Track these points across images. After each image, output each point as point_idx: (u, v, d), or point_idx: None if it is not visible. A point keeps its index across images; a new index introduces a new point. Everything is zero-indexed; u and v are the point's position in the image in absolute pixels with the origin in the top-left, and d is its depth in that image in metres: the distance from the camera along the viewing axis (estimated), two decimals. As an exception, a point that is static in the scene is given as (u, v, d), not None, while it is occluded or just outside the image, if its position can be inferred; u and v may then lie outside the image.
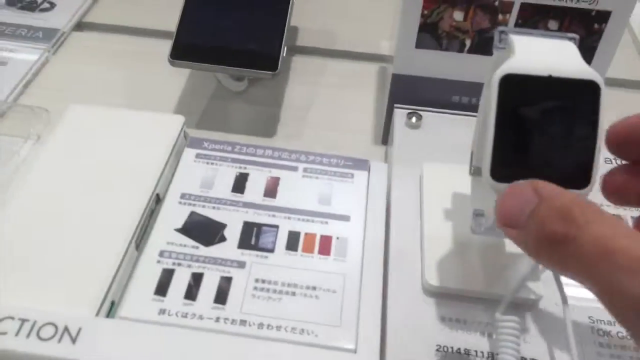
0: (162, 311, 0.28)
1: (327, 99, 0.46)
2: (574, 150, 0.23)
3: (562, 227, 0.18)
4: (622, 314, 0.17)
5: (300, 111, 0.45)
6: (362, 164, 0.36)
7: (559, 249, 0.18)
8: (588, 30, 0.35)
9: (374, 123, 0.44)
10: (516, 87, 0.23)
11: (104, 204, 0.32)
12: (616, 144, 0.23)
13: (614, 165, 0.25)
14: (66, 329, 0.27)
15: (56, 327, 0.27)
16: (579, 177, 0.23)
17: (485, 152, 0.24)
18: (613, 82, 0.47)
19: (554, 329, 0.28)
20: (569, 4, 0.34)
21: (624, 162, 0.25)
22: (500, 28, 0.26)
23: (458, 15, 0.36)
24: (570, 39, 0.25)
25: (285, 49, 0.41)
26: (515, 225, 0.20)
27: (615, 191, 0.24)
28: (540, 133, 0.23)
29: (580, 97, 0.23)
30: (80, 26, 0.52)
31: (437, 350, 0.27)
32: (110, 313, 0.29)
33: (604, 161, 0.33)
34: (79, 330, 0.27)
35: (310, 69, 0.49)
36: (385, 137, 0.42)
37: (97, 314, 0.28)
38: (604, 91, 0.23)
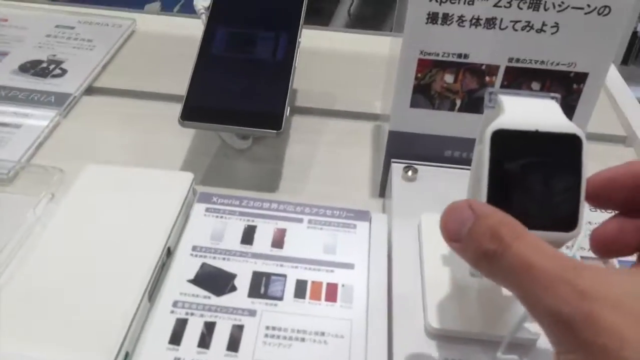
0: (176, 359, 0.29)
1: (326, 156, 0.49)
2: (562, 197, 0.25)
3: (492, 245, 0.21)
4: (541, 321, 0.20)
5: (301, 167, 0.47)
6: (363, 215, 0.38)
7: (491, 263, 0.21)
8: (568, 90, 0.38)
9: (370, 177, 0.47)
10: (507, 141, 0.25)
11: (118, 258, 0.34)
12: (595, 196, 0.25)
13: (598, 212, 0.27)
14: (84, 378, 0.28)
15: (74, 376, 0.28)
16: (568, 222, 0.25)
17: (481, 201, 0.26)
18: (591, 137, 0.51)
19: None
20: (550, 67, 0.37)
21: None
22: (490, 89, 0.28)
23: (449, 78, 0.39)
24: (552, 97, 0.28)
25: (289, 109, 0.43)
26: (457, 240, 0.23)
27: (605, 245, 0.26)
28: (529, 182, 0.25)
29: (565, 149, 0.25)
30: (90, 91, 0.54)
31: (443, 391, 0.28)
32: (124, 364, 0.30)
33: (589, 209, 0.36)
34: (96, 379, 0.28)
35: (309, 127, 0.52)
36: (382, 190, 0.44)
37: (113, 365, 0.29)
38: (586, 144, 0.25)
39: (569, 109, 0.39)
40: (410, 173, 0.41)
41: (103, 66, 0.56)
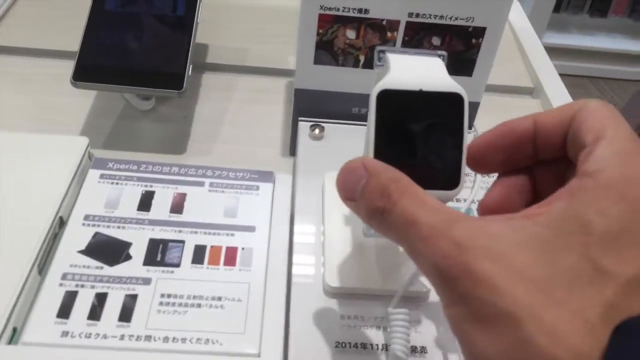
0: (64, 333, 0.28)
1: (237, 114, 0.47)
2: (444, 155, 0.26)
3: (381, 202, 0.21)
4: (426, 275, 0.20)
5: (210, 127, 0.46)
6: (267, 176, 0.38)
7: (381, 220, 0.22)
8: (467, 45, 0.38)
9: (283, 136, 0.46)
10: (392, 101, 0.25)
11: (5, 230, 0.32)
12: (475, 163, 0.25)
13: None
14: (-37, 358, 0.27)
15: (-48, 357, 0.26)
16: (450, 180, 0.26)
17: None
18: (500, 89, 0.52)
19: (444, 319, 0.31)
20: (449, 22, 0.37)
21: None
22: (379, 47, 0.28)
23: (350, 34, 0.38)
24: (439, 55, 0.28)
25: (191, 67, 0.41)
26: (351, 198, 0.23)
27: (493, 212, 0.26)
28: (414, 141, 0.25)
29: (448, 108, 0.26)
30: (-20, 49, 0.50)
31: (337, 346, 0.29)
32: (12, 340, 0.29)
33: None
34: (-23, 359, 0.27)
35: (220, 85, 0.50)
36: (292, 149, 0.44)
37: (-2, 342, 0.28)
38: (467, 102, 0.26)
39: (469, 63, 0.39)
40: (317, 131, 0.41)
41: (-6, 21, 0.52)
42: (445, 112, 0.26)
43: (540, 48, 0.58)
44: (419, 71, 0.27)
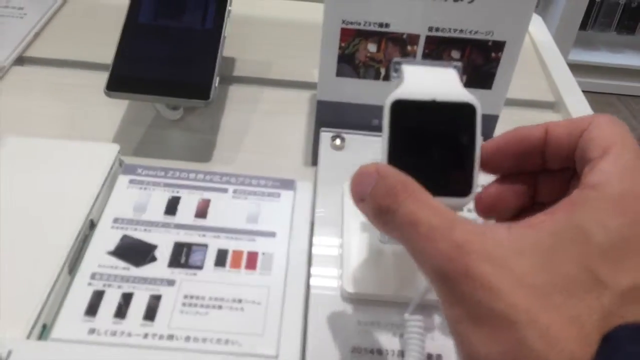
0: (91, 331, 0.29)
1: (261, 125, 0.49)
2: (457, 163, 0.26)
3: (386, 201, 0.22)
4: (425, 272, 0.21)
5: (235, 137, 0.47)
6: (288, 184, 0.39)
7: (385, 219, 0.22)
8: (487, 58, 0.39)
9: (305, 146, 0.47)
10: (405, 110, 0.26)
11: (38, 231, 0.34)
12: (485, 163, 0.26)
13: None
14: (-3, 351, 0.28)
15: (-13, 349, 0.28)
16: (463, 187, 0.26)
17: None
18: (522, 103, 0.52)
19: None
20: (468, 36, 0.38)
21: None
22: (395, 59, 0.29)
23: (372, 47, 0.39)
24: (454, 67, 0.28)
25: (218, 78, 0.43)
26: (362, 199, 0.24)
27: (487, 207, 0.27)
28: (427, 150, 0.26)
29: (460, 117, 0.26)
30: (21, 60, 0.53)
31: (353, 351, 0.30)
32: (42, 336, 0.30)
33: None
34: (9, 352, 0.28)
35: (245, 97, 0.51)
36: (314, 158, 0.45)
37: (29, 337, 0.29)
38: (480, 112, 0.26)
39: (488, 76, 0.40)
40: (338, 141, 0.42)
41: (34, 35, 0.55)
42: (458, 121, 0.26)
43: (562, 62, 0.58)
44: (432, 82, 0.27)
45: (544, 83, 0.56)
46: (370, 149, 0.41)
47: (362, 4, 0.37)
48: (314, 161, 0.45)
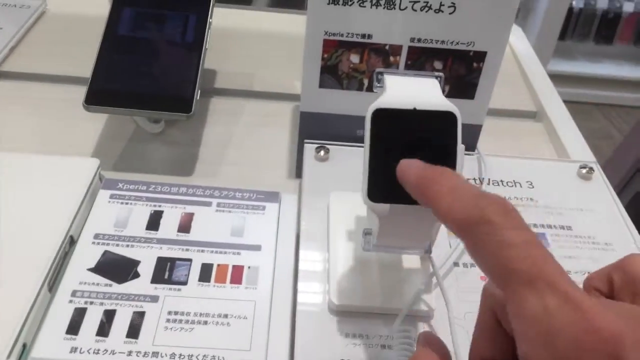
0: (73, 349, 0.29)
1: (244, 137, 0.48)
2: None
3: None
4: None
5: (218, 149, 0.47)
6: (273, 197, 0.38)
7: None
8: (468, 69, 0.39)
9: (289, 157, 0.47)
10: (386, 119, 0.26)
11: (17, 247, 0.33)
12: None
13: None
14: (-26, 373, 0.27)
15: (-37, 372, 0.27)
16: None
17: (363, 177, 0.26)
18: (504, 113, 0.53)
19: (447, 338, 0.31)
20: (450, 46, 0.38)
21: None
22: (378, 70, 0.29)
23: (354, 58, 0.39)
24: (436, 77, 0.29)
25: (200, 91, 0.43)
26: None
27: None
28: (409, 157, 0.26)
29: (441, 125, 0.26)
30: (-4, 75, 0.52)
31: (341, 365, 0.29)
32: (22, 356, 0.29)
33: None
34: (-13, 374, 0.27)
35: (228, 109, 0.51)
36: (299, 170, 0.45)
37: (8, 357, 0.28)
38: (460, 120, 0.26)
39: (471, 86, 0.40)
40: (322, 153, 0.42)
41: (10, 49, 0.54)
42: (438, 130, 0.26)
43: (542, 73, 0.59)
44: (414, 91, 0.27)
45: (526, 93, 0.56)
46: (355, 160, 0.41)
47: (344, 16, 0.37)
48: (298, 173, 0.45)
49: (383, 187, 0.26)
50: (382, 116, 0.26)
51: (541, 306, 0.18)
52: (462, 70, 0.39)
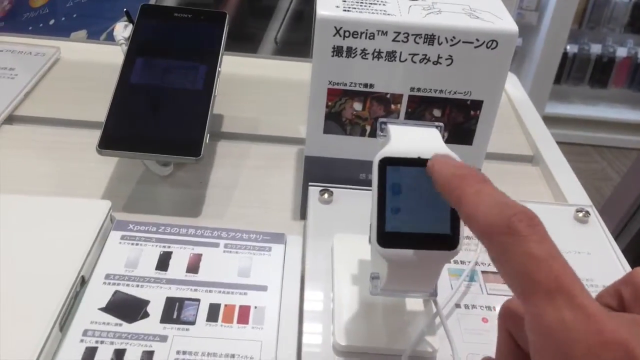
0: (84, 388, 0.29)
1: (250, 180, 0.50)
2: (448, 218, 0.27)
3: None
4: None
5: (224, 192, 0.48)
6: (279, 238, 0.39)
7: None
8: (466, 116, 0.41)
9: (294, 200, 0.48)
10: (393, 167, 0.28)
11: (29, 288, 0.34)
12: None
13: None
14: (-14, 412, 0.27)
15: (-24, 411, 0.27)
16: (451, 242, 0.27)
17: (372, 223, 0.28)
18: (501, 157, 0.54)
19: (450, 378, 0.32)
20: (448, 96, 0.40)
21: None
22: (381, 120, 0.31)
23: (357, 106, 0.41)
24: (436, 126, 0.30)
25: (208, 135, 0.44)
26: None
27: None
28: (416, 205, 0.27)
29: None
30: (11, 119, 0.54)
31: (346, 406, 0.30)
32: (32, 395, 0.30)
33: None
34: (-1, 413, 0.28)
35: (234, 152, 0.53)
36: (303, 212, 0.46)
37: (19, 397, 0.29)
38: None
39: (469, 133, 0.42)
40: (326, 196, 0.43)
41: (25, 94, 0.56)
42: None
43: (538, 118, 0.61)
44: (417, 140, 0.29)
45: (522, 137, 0.58)
46: (358, 202, 0.43)
47: (347, 67, 0.39)
48: (303, 215, 0.46)
49: (392, 233, 0.27)
50: (389, 164, 0.27)
51: (558, 319, 0.19)
52: (460, 118, 0.41)
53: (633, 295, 0.23)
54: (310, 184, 0.44)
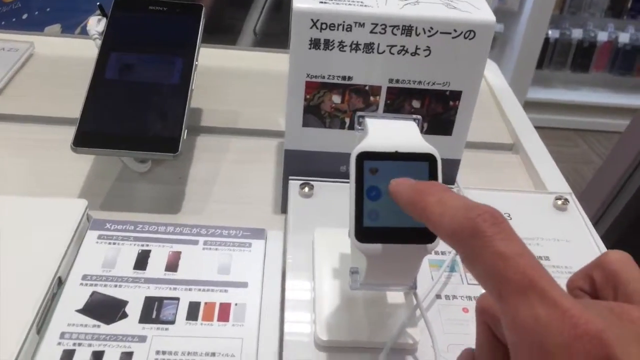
0: (62, 392, 0.29)
1: (230, 174, 0.49)
2: None
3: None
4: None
5: (204, 187, 0.48)
6: (259, 233, 0.39)
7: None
8: (445, 107, 0.41)
9: (274, 194, 0.48)
10: (370, 161, 0.27)
11: (5, 290, 0.33)
12: None
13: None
14: (-39, 420, 0.27)
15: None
16: (430, 235, 0.27)
17: (350, 218, 0.28)
18: (482, 145, 0.54)
19: (431, 370, 0.32)
20: (427, 87, 0.40)
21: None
22: (359, 113, 0.30)
23: (336, 99, 0.41)
24: (414, 119, 0.30)
25: (186, 131, 0.44)
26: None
27: None
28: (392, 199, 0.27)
29: (422, 167, 0.28)
30: (-17, 117, 0.53)
31: (328, 401, 0.30)
32: (9, 400, 0.29)
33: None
34: (-25, 420, 0.27)
35: (213, 147, 0.52)
36: (283, 206, 0.46)
37: (-5, 402, 0.28)
38: (440, 161, 0.28)
39: (448, 123, 0.42)
40: (306, 189, 0.43)
41: (-2, 91, 0.55)
42: (420, 171, 0.28)
43: (518, 106, 0.61)
44: (394, 134, 0.29)
45: (502, 126, 0.58)
46: (338, 195, 0.42)
47: (325, 59, 0.38)
48: (283, 209, 0.46)
49: (370, 227, 0.27)
50: (366, 159, 0.27)
51: (532, 316, 0.19)
52: (439, 109, 0.41)
53: (604, 278, 0.23)
54: (290, 177, 0.44)
